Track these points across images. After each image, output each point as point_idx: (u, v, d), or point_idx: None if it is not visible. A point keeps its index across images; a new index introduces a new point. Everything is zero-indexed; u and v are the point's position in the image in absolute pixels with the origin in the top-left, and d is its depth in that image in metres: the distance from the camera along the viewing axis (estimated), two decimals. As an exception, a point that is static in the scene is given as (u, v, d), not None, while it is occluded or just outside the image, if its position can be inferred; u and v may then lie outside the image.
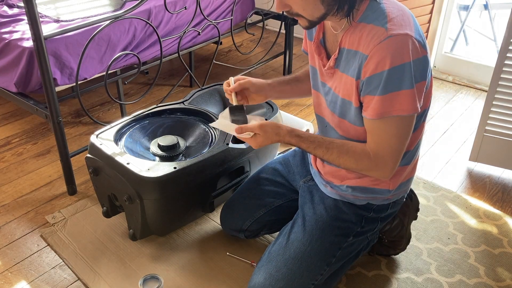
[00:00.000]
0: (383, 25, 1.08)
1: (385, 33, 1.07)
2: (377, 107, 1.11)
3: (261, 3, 2.96)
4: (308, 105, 2.65)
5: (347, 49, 1.17)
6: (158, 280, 1.42)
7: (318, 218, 1.38)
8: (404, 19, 1.10)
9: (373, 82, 1.10)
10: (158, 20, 2.20)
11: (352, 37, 1.15)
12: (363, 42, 1.11)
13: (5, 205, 1.88)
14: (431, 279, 1.57)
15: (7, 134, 2.34)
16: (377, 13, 1.11)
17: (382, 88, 1.09)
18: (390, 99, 1.10)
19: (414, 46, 1.08)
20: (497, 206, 1.91)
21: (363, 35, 1.11)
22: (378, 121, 1.14)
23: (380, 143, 1.17)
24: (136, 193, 1.47)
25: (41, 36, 1.58)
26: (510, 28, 1.83)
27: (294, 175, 1.57)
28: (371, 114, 1.13)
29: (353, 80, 1.16)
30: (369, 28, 1.11)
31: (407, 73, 1.08)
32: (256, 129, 1.24)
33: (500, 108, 1.98)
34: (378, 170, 1.21)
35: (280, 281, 1.30)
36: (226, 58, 3.18)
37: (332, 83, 1.25)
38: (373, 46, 1.08)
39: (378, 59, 1.07)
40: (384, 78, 1.08)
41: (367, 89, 1.12)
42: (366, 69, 1.11)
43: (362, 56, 1.11)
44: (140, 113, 1.76)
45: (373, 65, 1.09)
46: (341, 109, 1.25)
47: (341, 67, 1.20)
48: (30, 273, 1.59)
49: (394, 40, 1.06)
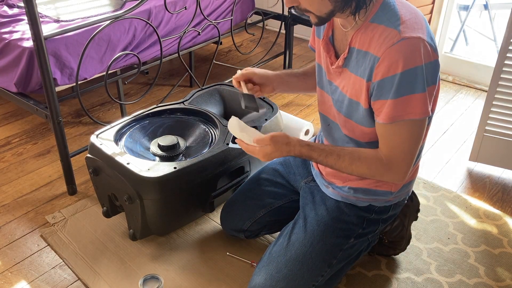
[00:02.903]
0: (396, 27, 1.08)
1: (398, 36, 1.06)
2: (389, 111, 1.11)
3: (261, 3, 2.97)
4: (308, 105, 2.65)
5: (357, 49, 1.16)
6: (158, 280, 1.42)
7: (320, 219, 1.37)
8: (417, 22, 1.09)
9: (385, 86, 1.10)
10: (158, 20, 2.20)
11: (363, 37, 1.14)
12: (374, 43, 1.10)
13: (5, 205, 1.88)
14: (431, 279, 1.57)
15: (7, 134, 2.34)
16: (389, 14, 1.10)
17: (394, 92, 1.09)
18: (403, 102, 1.09)
19: (426, 50, 1.07)
20: (497, 206, 1.91)
21: (375, 36, 1.10)
22: (391, 125, 1.13)
23: (392, 147, 1.17)
24: (136, 193, 1.47)
25: (41, 36, 1.58)
26: (510, 28, 1.83)
27: (295, 175, 1.57)
28: (383, 119, 1.13)
29: (363, 81, 1.15)
30: (381, 29, 1.10)
31: (420, 76, 1.07)
32: (267, 141, 1.22)
33: (500, 108, 1.98)
34: (391, 174, 1.20)
35: (280, 282, 1.30)
36: (226, 58, 3.18)
37: (340, 82, 1.25)
38: (386, 49, 1.07)
39: (390, 62, 1.07)
40: (397, 82, 1.07)
41: (379, 93, 1.12)
42: (377, 72, 1.10)
43: (373, 57, 1.10)
44: (140, 113, 1.76)
45: (385, 68, 1.08)
46: (348, 109, 1.24)
47: (350, 66, 1.19)
48: (30, 273, 1.59)
49: (407, 43, 1.06)
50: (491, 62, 2.71)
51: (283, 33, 2.82)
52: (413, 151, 1.18)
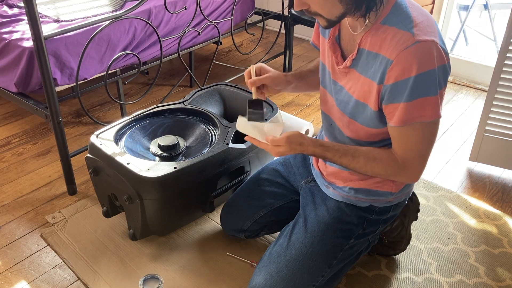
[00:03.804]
0: (409, 30, 1.07)
1: (412, 39, 1.05)
2: (402, 114, 1.11)
3: (261, 3, 2.97)
4: (308, 105, 2.65)
5: (368, 51, 1.15)
6: (158, 280, 1.42)
7: (320, 219, 1.37)
8: (429, 25, 1.09)
9: (398, 89, 1.09)
10: (158, 20, 2.20)
11: (374, 39, 1.13)
12: (386, 45, 1.09)
13: (5, 205, 1.88)
14: (431, 279, 1.57)
15: (7, 134, 2.33)
16: (402, 16, 1.10)
17: (408, 95, 1.08)
18: (416, 105, 1.09)
19: (439, 53, 1.07)
20: (497, 206, 1.91)
21: (387, 38, 1.10)
22: (403, 127, 1.13)
23: (407, 149, 1.17)
24: (136, 193, 1.47)
25: (41, 36, 1.58)
26: (510, 28, 1.83)
27: (295, 176, 1.57)
28: (396, 122, 1.13)
29: (374, 83, 1.14)
30: (393, 31, 1.09)
31: (433, 79, 1.07)
32: (282, 142, 1.21)
33: (500, 108, 1.98)
34: (406, 175, 1.21)
35: (280, 282, 1.30)
36: (226, 58, 3.18)
37: (346, 83, 1.24)
38: (399, 51, 1.06)
39: (404, 65, 1.06)
40: (410, 85, 1.07)
41: (391, 97, 1.11)
42: (390, 74, 1.09)
43: (386, 60, 1.10)
44: (140, 113, 1.76)
45: (399, 71, 1.07)
46: (353, 110, 1.24)
47: (358, 68, 1.19)
48: (30, 273, 1.59)
49: (421, 46, 1.05)
50: (491, 62, 2.72)
51: (283, 33, 2.82)
52: (427, 152, 1.18)
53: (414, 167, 1.19)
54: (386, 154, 1.21)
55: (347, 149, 1.23)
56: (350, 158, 1.22)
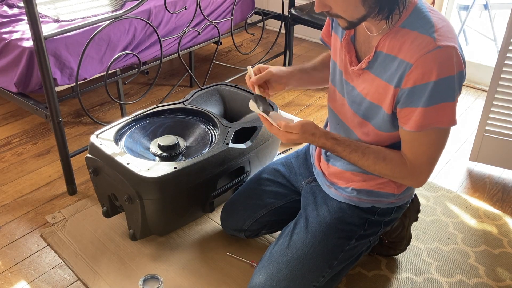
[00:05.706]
0: (431, 35, 1.06)
1: (433, 44, 1.05)
2: (418, 119, 1.10)
3: (261, 3, 2.97)
4: (308, 105, 2.65)
5: (385, 54, 1.14)
6: (158, 280, 1.42)
7: (321, 220, 1.37)
8: (450, 31, 1.08)
9: (416, 93, 1.08)
10: (158, 20, 2.20)
11: (392, 42, 1.12)
12: (406, 49, 1.09)
13: (5, 205, 1.88)
14: (431, 279, 1.57)
15: (7, 134, 2.33)
16: (422, 21, 1.09)
17: (426, 100, 1.08)
18: (434, 111, 1.09)
19: (458, 59, 1.06)
20: (497, 206, 1.91)
21: (406, 42, 1.09)
22: (418, 133, 1.12)
23: (418, 154, 1.17)
24: (136, 193, 1.47)
25: (41, 36, 1.58)
26: (510, 28, 1.83)
27: (297, 176, 1.56)
28: (412, 126, 1.12)
29: (390, 86, 1.13)
30: (413, 35, 1.08)
31: (452, 86, 1.07)
32: (296, 129, 1.19)
33: (500, 108, 1.98)
34: (412, 179, 1.21)
35: (281, 282, 1.30)
36: (226, 58, 3.18)
37: (359, 84, 1.23)
38: (420, 56, 1.06)
39: (424, 69, 1.06)
40: (429, 90, 1.06)
41: (408, 101, 1.10)
42: (408, 78, 1.08)
43: (404, 64, 1.09)
44: (140, 113, 1.76)
45: (418, 75, 1.07)
46: (366, 112, 1.23)
47: (374, 70, 1.18)
48: (30, 273, 1.59)
49: (442, 52, 1.05)
50: (491, 62, 2.72)
51: (283, 33, 2.82)
52: (437, 158, 1.18)
53: (422, 172, 1.19)
54: (396, 156, 1.20)
55: (358, 146, 1.22)
56: (360, 154, 1.21)
